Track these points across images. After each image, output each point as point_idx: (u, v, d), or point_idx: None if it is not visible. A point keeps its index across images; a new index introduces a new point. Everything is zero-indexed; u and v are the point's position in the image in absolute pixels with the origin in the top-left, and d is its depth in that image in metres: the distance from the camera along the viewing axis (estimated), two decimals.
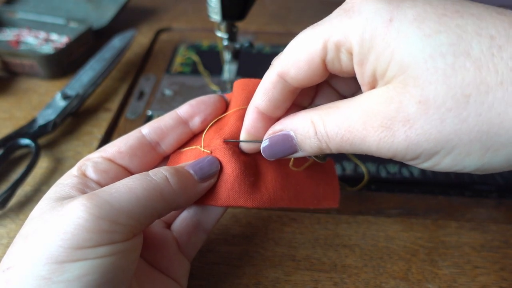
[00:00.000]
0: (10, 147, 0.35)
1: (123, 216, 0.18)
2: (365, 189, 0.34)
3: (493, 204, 0.33)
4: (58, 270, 0.17)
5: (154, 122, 0.24)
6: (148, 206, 0.19)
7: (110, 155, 0.23)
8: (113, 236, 0.18)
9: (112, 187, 0.19)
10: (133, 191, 0.19)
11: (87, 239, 0.17)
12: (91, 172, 0.22)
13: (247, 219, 0.31)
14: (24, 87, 0.44)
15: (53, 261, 0.17)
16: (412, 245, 0.29)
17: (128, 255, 0.19)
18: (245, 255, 0.29)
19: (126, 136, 0.24)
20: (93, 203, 0.18)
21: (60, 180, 0.21)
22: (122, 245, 0.18)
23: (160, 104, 0.42)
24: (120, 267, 0.18)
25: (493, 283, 0.27)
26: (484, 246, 0.29)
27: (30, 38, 0.50)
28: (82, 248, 0.17)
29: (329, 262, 0.28)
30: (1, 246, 0.29)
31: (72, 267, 0.17)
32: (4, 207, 0.31)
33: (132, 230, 0.18)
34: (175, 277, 0.23)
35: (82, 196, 0.18)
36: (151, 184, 0.19)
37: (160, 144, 0.24)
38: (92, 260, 0.17)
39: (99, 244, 0.17)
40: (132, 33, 0.47)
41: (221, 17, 0.35)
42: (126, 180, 0.19)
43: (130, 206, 0.18)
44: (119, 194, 0.18)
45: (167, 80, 0.46)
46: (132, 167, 0.23)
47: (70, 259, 0.17)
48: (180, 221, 0.25)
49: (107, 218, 0.17)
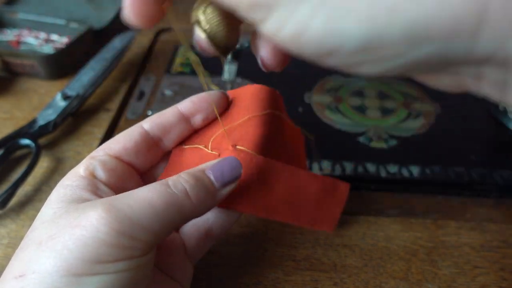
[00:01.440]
0: (11, 147, 0.35)
1: (143, 232, 0.17)
2: (365, 189, 0.34)
3: (492, 204, 0.33)
4: (76, 283, 0.16)
5: (156, 117, 0.24)
6: (167, 223, 0.18)
7: (116, 153, 0.22)
8: (132, 251, 0.17)
9: (131, 198, 0.18)
10: (153, 206, 0.18)
11: (107, 254, 0.16)
12: (100, 172, 0.21)
13: (248, 220, 0.31)
14: (25, 87, 0.44)
15: (71, 273, 0.16)
16: (412, 245, 0.29)
17: (145, 269, 0.18)
18: (245, 255, 0.29)
19: (128, 131, 0.23)
20: (113, 216, 0.17)
21: (66, 181, 0.20)
22: (140, 260, 0.18)
23: (160, 104, 0.42)
24: (136, 281, 0.18)
25: (492, 283, 0.27)
26: (484, 246, 0.29)
27: (31, 38, 0.50)
28: (101, 263, 0.16)
29: (329, 262, 0.28)
30: (2, 246, 0.29)
31: (90, 281, 0.16)
32: (5, 207, 0.31)
33: (150, 246, 0.18)
34: (179, 280, 0.22)
35: (101, 206, 0.17)
36: (171, 199, 0.18)
37: (163, 140, 0.24)
38: (111, 275, 0.17)
39: (118, 259, 0.17)
40: (132, 33, 0.47)
41: None
42: (145, 192, 0.18)
43: (150, 222, 0.18)
44: (139, 209, 0.17)
45: (167, 80, 0.46)
46: (137, 163, 0.23)
47: (88, 272, 0.16)
48: (191, 226, 0.24)
49: (127, 234, 0.17)
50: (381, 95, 0.44)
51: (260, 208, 0.23)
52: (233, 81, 0.42)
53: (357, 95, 0.44)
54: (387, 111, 0.42)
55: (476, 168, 0.36)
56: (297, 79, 0.46)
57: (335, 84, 0.46)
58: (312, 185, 0.24)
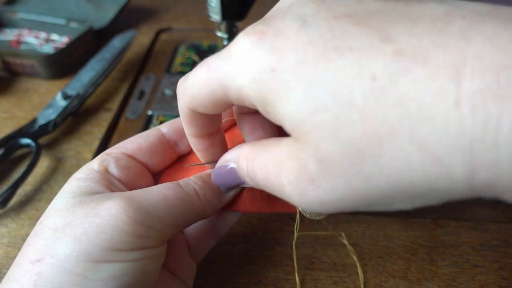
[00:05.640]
0: (11, 147, 0.35)
1: (158, 223, 0.18)
2: None
3: (492, 204, 0.33)
4: (93, 269, 0.17)
5: (174, 122, 0.25)
6: (179, 217, 0.19)
7: (131, 152, 0.23)
8: (147, 241, 0.18)
9: (148, 192, 0.19)
10: (168, 200, 0.19)
11: (124, 242, 0.17)
12: (113, 168, 0.22)
13: (247, 219, 0.31)
14: (25, 87, 0.44)
15: (89, 260, 0.17)
16: (412, 244, 0.29)
17: (157, 260, 0.19)
18: (245, 254, 0.29)
19: (145, 133, 0.24)
20: (132, 206, 0.18)
21: (80, 174, 0.21)
22: (153, 251, 0.18)
23: (161, 104, 0.42)
24: (149, 271, 0.18)
25: (492, 282, 0.27)
26: (483, 245, 0.29)
27: (31, 38, 0.50)
28: (117, 251, 0.17)
29: (329, 261, 0.28)
30: (2, 245, 0.29)
31: (105, 268, 0.17)
32: (5, 206, 0.31)
33: (163, 238, 0.19)
34: (183, 278, 0.23)
35: (119, 197, 0.18)
36: (183, 195, 0.20)
37: (178, 144, 0.25)
38: (127, 263, 0.17)
39: (134, 248, 0.17)
40: (132, 33, 0.47)
41: (221, 17, 0.35)
42: (160, 188, 0.20)
43: (165, 214, 0.19)
44: (155, 201, 0.19)
45: (167, 80, 0.46)
46: (151, 164, 0.24)
47: (104, 259, 0.17)
48: (194, 225, 0.25)
49: (144, 223, 0.18)
50: None
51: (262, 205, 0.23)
52: None
53: None
54: None
55: None
56: None
57: None
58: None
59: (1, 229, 0.30)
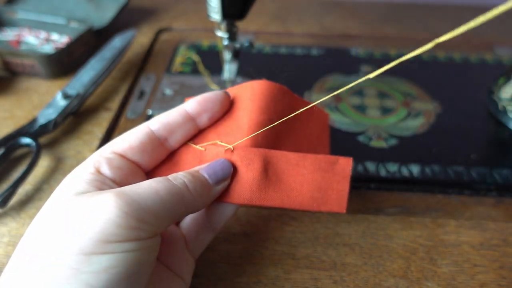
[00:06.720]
0: (11, 146, 0.35)
1: (149, 215, 0.19)
2: (365, 188, 0.34)
3: (492, 203, 0.33)
4: (86, 261, 0.17)
5: (163, 117, 0.25)
6: (170, 209, 0.20)
7: (122, 151, 0.23)
8: (139, 233, 0.18)
9: (138, 186, 0.20)
10: (158, 194, 0.19)
11: (116, 234, 0.18)
12: (106, 169, 0.22)
13: (247, 218, 0.31)
14: (25, 87, 0.44)
15: (82, 252, 0.17)
16: (412, 244, 0.29)
17: (150, 252, 0.19)
18: (245, 253, 0.29)
19: (134, 130, 0.24)
20: (123, 200, 0.18)
21: (73, 175, 0.21)
22: (146, 242, 0.19)
23: (161, 103, 0.42)
24: (143, 262, 0.19)
25: (492, 281, 0.27)
26: (483, 245, 0.29)
27: (31, 38, 0.50)
28: (111, 242, 0.17)
29: (328, 260, 0.28)
30: (2, 244, 0.29)
31: (100, 259, 0.17)
32: (5, 205, 0.31)
33: (155, 230, 0.19)
34: (180, 273, 0.23)
35: (111, 192, 0.19)
36: (173, 188, 0.20)
37: (168, 140, 0.25)
38: (119, 254, 0.18)
39: (126, 240, 0.18)
40: (132, 33, 0.47)
41: (221, 17, 0.35)
42: (149, 182, 0.20)
43: (156, 207, 0.19)
44: (146, 195, 0.19)
45: (167, 80, 0.46)
46: (142, 162, 0.24)
47: (98, 251, 0.17)
48: (190, 219, 0.25)
49: (135, 216, 0.18)
50: (381, 94, 0.44)
51: (255, 198, 0.23)
52: (234, 80, 0.42)
53: (357, 94, 0.44)
54: (387, 110, 0.42)
55: (475, 167, 0.36)
56: (297, 78, 0.46)
57: (335, 83, 0.46)
58: (305, 165, 0.24)
59: (1, 228, 0.30)
